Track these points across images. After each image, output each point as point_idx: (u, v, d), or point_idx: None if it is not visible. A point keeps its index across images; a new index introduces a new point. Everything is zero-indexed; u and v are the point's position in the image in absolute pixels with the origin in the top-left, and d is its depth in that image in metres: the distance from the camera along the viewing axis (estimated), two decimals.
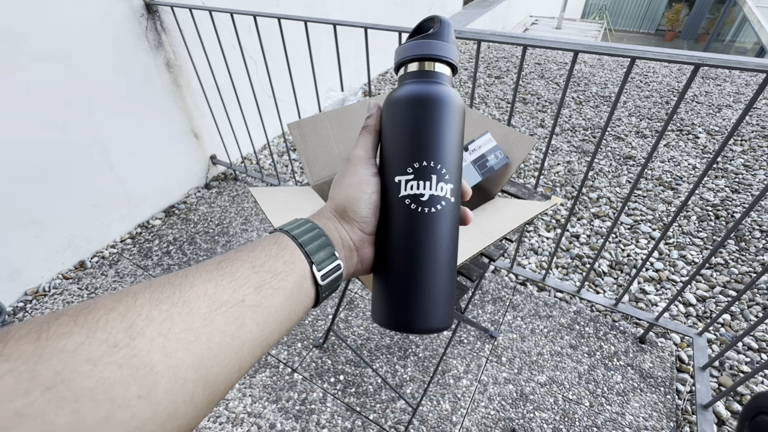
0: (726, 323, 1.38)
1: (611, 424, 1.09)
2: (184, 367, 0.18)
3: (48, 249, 1.50)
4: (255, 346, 0.22)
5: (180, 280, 0.21)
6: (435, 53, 0.29)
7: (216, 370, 0.20)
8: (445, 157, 0.28)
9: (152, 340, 0.17)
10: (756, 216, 1.85)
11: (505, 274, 1.54)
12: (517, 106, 2.89)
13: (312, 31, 1.32)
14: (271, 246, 0.25)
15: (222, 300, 0.21)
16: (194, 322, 0.19)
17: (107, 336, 0.17)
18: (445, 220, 0.28)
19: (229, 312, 0.21)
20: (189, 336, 0.19)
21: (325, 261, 0.26)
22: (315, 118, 0.76)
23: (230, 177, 2.13)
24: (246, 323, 0.21)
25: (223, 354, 0.20)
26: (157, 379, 0.17)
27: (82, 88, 1.42)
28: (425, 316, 0.28)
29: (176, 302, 0.19)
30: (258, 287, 0.22)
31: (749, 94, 3.00)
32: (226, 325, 0.20)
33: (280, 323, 0.23)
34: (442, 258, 0.28)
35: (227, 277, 0.22)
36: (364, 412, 1.13)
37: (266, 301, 0.22)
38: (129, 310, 0.18)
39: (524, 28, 6.36)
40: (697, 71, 0.82)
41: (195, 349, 0.19)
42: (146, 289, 0.19)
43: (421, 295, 0.28)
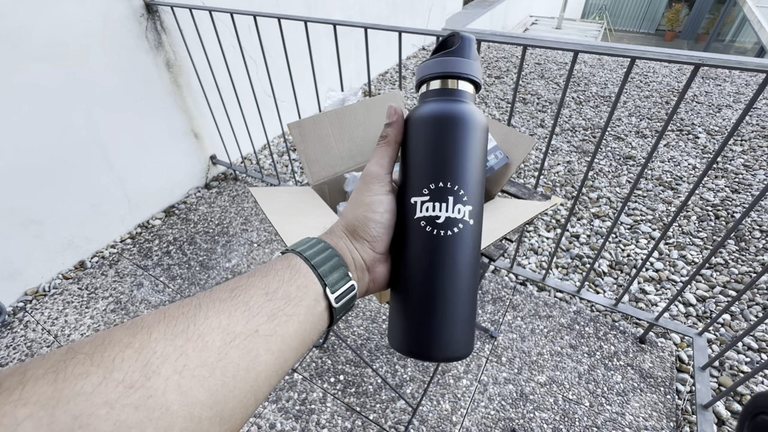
0: (726, 323, 1.38)
1: (611, 424, 1.09)
2: (199, 406, 0.18)
3: (48, 249, 1.50)
4: (270, 375, 0.22)
5: (194, 311, 0.20)
6: (456, 71, 0.28)
7: (231, 405, 0.19)
8: (464, 178, 0.27)
9: (167, 379, 0.17)
10: (756, 216, 1.85)
11: (505, 274, 1.54)
12: (517, 106, 2.89)
13: (312, 31, 1.32)
14: (284, 270, 0.24)
15: (236, 332, 0.21)
16: (209, 357, 0.19)
17: (123, 376, 0.17)
18: (463, 244, 0.27)
19: (243, 344, 0.20)
20: (203, 372, 0.19)
21: (339, 282, 0.26)
22: (315, 118, 0.76)
23: (230, 177, 2.13)
24: (260, 354, 0.21)
25: (238, 388, 0.20)
26: (173, 420, 0.17)
27: (82, 88, 1.42)
28: (442, 345, 0.27)
29: (191, 336, 0.19)
30: (272, 316, 0.22)
31: (749, 94, 3.00)
32: (240, 358, 0.20)
33: (295, 349, 0.23)
34: (459, 283, 0.27)
35: (240, 306, 0.22)
36: (364, 412, 1.13)
37: (280, 329, 0.22)
38: (144, 346, 0.18)
39: (524, 28, 6.36)
40: (697, 71, 0.82)
41: (209, 386, 0.19)
42: (160, 322, 0.19)
43: (438, 322, 0.26)
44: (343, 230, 0.29)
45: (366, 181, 0.29)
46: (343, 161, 0.80)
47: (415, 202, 0.27)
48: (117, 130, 1.58)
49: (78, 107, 1.43)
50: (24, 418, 0.14)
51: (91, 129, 1.49)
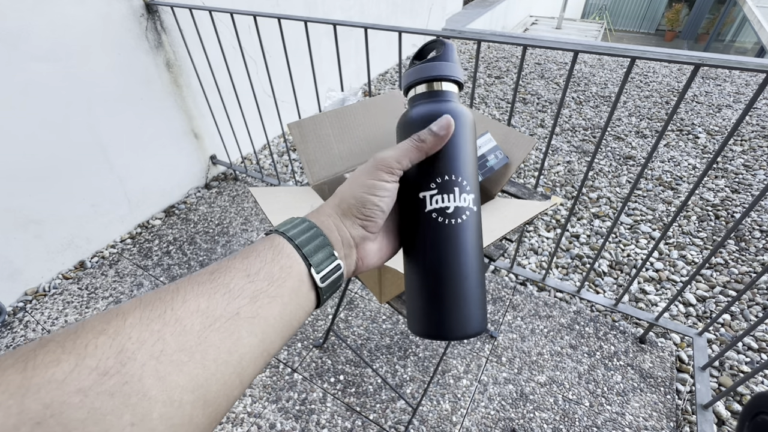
0: (726, 323, 1.38)
1: (611, 424, 1.09)
2: (179, 390, 0.18)
3: (48, 249, 1.50)
4: (256, 357, 0.21)
5: (171, 296, 0.20)
6: (444, 74, 0.30)
7: (215, 388, 0.19)
8: (465, 170, 0.29)
9: (144, 365, 0.17)
10: (756, 216, 1.85)
11: (505, 274, 1.54)
12: (517, 106, 2.89)
13: (312, 31, 1.32)
14: (267, 250, 0.24)
15: (216, 315, 0.20)
16: (188, 341, 0.18)
17: (97, 363, 0.16)
18: (472, 228, 0.29)
19: (224, 327, 0.20)
20: (182, 357, 0.18)
21: (324, 262, 0.25)
22: (315, 118, 0.76)
23: (230, 177, 2.13)
24: (243, 336, 0.20)
25: (221, 371, 0.19)
26: (151, 405, 0.16)
27: (82, 88, 1.42)
28: (466, 322, 0.29)
29: (168, 321, 0.19)
30: (253, 297, 0.22)
31: (749, 94, 3.00)
32: (221, 341, 0.20)
33: (280, 331, 0.23)
34: (473, 264, 0.29)
35: (221, 288, 0.21)
36: (364, 412, 1.13)
37: (263, 311, 0.22)
38: (119, 332, 0.17)
39: (524, 28, 6.36)
40: (697, 71, 0.82)
41: (190, 370, 0.18)
42: (136, 308, 0.19)
43: (462, 302, 0.28)
44: (333, 207, 0.28)
45: (376, 167, 0.28)
46: (343, 161, 0.80)
47: (423, 197, 0.29)
48: (117, 130, 1.58)
49: (78, 107, 1.43)
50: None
51: (92, 129, 1.49)
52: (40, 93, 1.31)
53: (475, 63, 1.07)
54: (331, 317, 1.22)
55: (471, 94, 1.16)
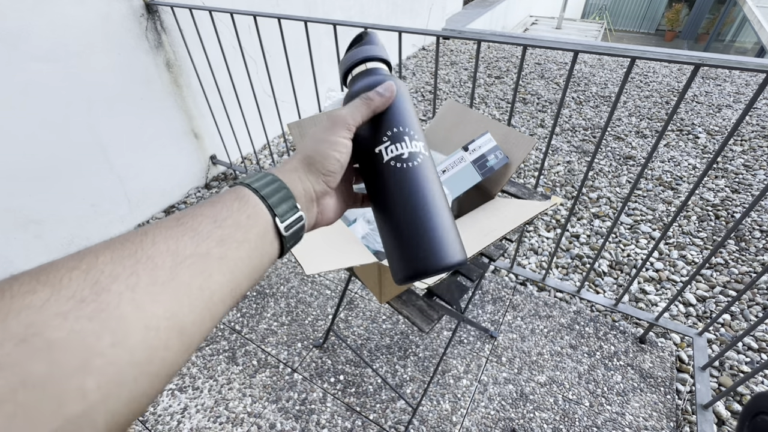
0: (726, 323, 1.38)
1: (611, 424, 1.09)
2: (156, 317, 0.18)
3: (48, 249, 1.50)
4: (225, 295, 0.22)
5: (140, 238, 0.20)
6: (372, 54, 0.35)
7: (189, 319, 0.20)
8: (410, 122, 0.32)
9: (120, 294, 0.17)
10: (756, 216, 1.85)
11: (505, 274, 1.54)
12: (517, 106, 2.89)
13: (312, 31, 1.32)
14: (233, 200, 0.25)
15: (185, 254, 0.21)
16: (160, 276, 0.19)
17: (73, 292, 0.16)
18: (428, 169, 0.32)
19: (194, 265, 0.21)
20: (156, 289, 0.19)
21: (288, 213, 0.26)
22: (315, 118, 0.76)
23: (230, 177, 2.13)
24: (213, 274, 0.21)
25: (194, 304, 0.20)
26: (130, 328, 0.17)
27: (82, 88, 1.42)
28: (446, 252, 0.31)
29: (140, 258, 0.19)
30: (221, 241, 0.22)
31: (749, 94, 3.00)
32: (192, 277, 0.20)
33: (247, 274, 0.24)
34: (439, 198, 0.32)
35: (189, 232, 0.22)
36: (364, 412, 1.13)
37: (231, 253, 0.22)
38: (92, 267, 0.18)
39: (524, 28, 6.36)
40: (697, 71, 0.82)
41: (164, 301, 0.19)
42: (107, 248, 0.19)
43: (437, 232, 0.31)
44: (298, 162, 0.30)
45: (335, 123, 0.31)
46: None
47: (380, 151, 0.32)
48: (117, 130, 1.58)
49: (78, 107, 1.43)
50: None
51: (92, 129, 1.49)
52: (40, 93, 1.31)
53: (475, 63, 1.07)
54: (331, 317, 1.23)
55: (471, 94, 1.16)
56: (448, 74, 3.45)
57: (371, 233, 0.85)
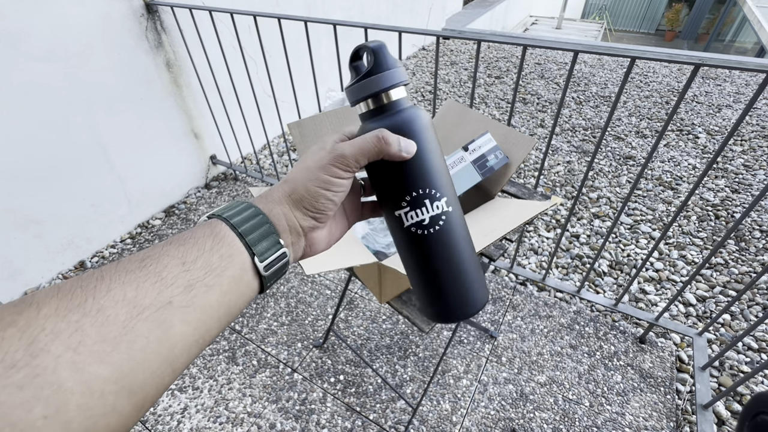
0: (726, 323, 1.38)
1: (611, 424, 1.09)
2: (101, 380, 0.17)
3: (48, 249, 1.50)
4: (189, 345, 0.20)
5: (94, 284, 0.19)
6: (388, 84, 0.29)
7: (141, 378, 0.18)
8: (431, 178, 0.29)
9: (59, 357, 0.16)
10: (756, 216, 1.85)
11: (505, 274, 1.54)
12: (517, 106, 2.89)
13: (312, 31, 1.32)
14: (206, 238, 0.23)
15: (144, 304, 0.19)
16: (110, 332, 0.17)
17: (3, 356, 0.15)
18: (451, 227, 0.30)
19: (153, 316, 0.19)
20: (105, 347, 0.17)
21: (269, 250, 0.24)
22: (315, 118, 0.76)
23: (230, 177, 2.13)
24: (174, 325, 0.19)
25: (149, 360, 0.18)
26: (67, 397, 0.16)
27: (82, 88, 1.42)
28: (469, 303, 0.32)
29: (88, 311, 0.17)
30: (188, 286, 0.20)
31: (749, 94, 3.00)
32: (150, 331, 0.18)
33: (218, 319, 0.22)
34: (465, 251, 0.31)
35: (151, 277, 0.20)
36: (364, 412, 1.13)
37: (198, 300, 0.21)
38: (30, 324, 0.16)
39: (524, 28, 6.36)
40: (697, 71, 0.82)
41: (113, 360, 0.17)
42: (52, 297, 0.17)
43: (461, 289, 0.31)
44: (284, 196, 0.27)
45: (333, 159, 0.27)
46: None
47: (399, 215, 0.30)
48: (117, 130, 1.58)
49: (78, 107, 1.43)
50: None
51: (92, 129, 1.49)
52: (40, 93, 1.31)
53: (475, 63, 1.07)
54: (331, 317, 1.23)
55: (471, 94, 1.16)
56: (448, 74, 3.45)
57: (371, 233, 0.85)
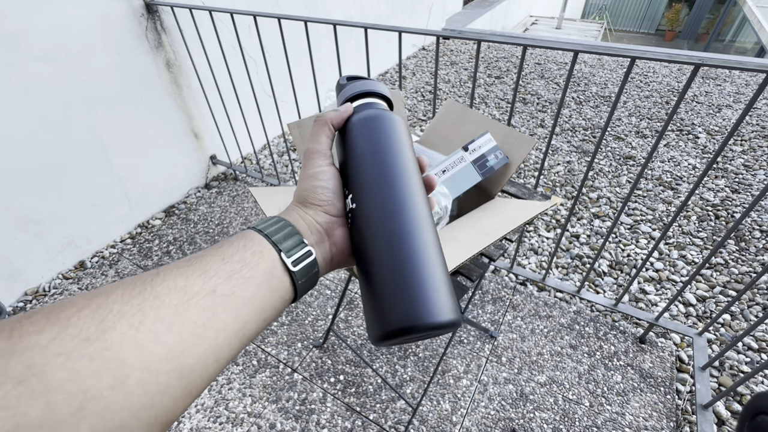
0: (726, 323, 1.38)
1: (611, 424, 1.09)
2: (157, 359, 0.18)
3: (48, 249, 1.50)
4: (230, 336, 0.22)
5: (151, 278, 0.21)
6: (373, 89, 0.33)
7: (190, 361, 0.20)
8: (349, 176, 0.30)
9: (124, 334, 0.18)
10: (756, 216, 1.85)
11: (505, 274, 1.54)
12: (517, 106, 2.89)
13: (312, 31, 1.32)
14: (239, 240, 0.26)
15: (193, 291, 0.21)
16: (165, 314, 0.19)
17: (79, 331, 0.17)
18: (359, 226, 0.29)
19: (200, 303, 0.21)
20: (160, 327, 0.19)
21: (294, 248, 0.26)
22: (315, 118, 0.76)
23: (230, 177, 2.13)
24: (218, 312, 0.21)
25: (197, 345, 0.20)
26: (129, 371, 0.17)
27: (82, 88, 1.42)
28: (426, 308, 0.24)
29: (147, 297, 0.20)
30: (228, 277, 0.23)
31: (749, 94, 3.00)
32: (197, 316, 0.20)
33: (255, 312, 0.23)
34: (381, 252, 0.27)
35: (197, 270, 0.22)
36: (364, 412, 1.13)
37: (237, 290, 0.23)
38: (101, 306, 0.18)
39: (524, 28, 6.36)
40: (697, 71, 0.82)
41: (167, 341, 0.19)
42: (118, 288, 0.20)
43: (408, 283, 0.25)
44: (295, 204, 0.30)
45: (308, 156, 0.31)
46: None
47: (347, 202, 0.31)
48: (117, 130, 1.58)
49: (78, 107, 1.42)
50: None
51: (92, 129, 1.49)
52: (40, 93, 1.31)
53: (475, 63, 1.07)
54: (331, 317, 1.23)
55: (471, 94, 1.16)
56: (448, 74, 3.45)
57: None
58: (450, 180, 0.76)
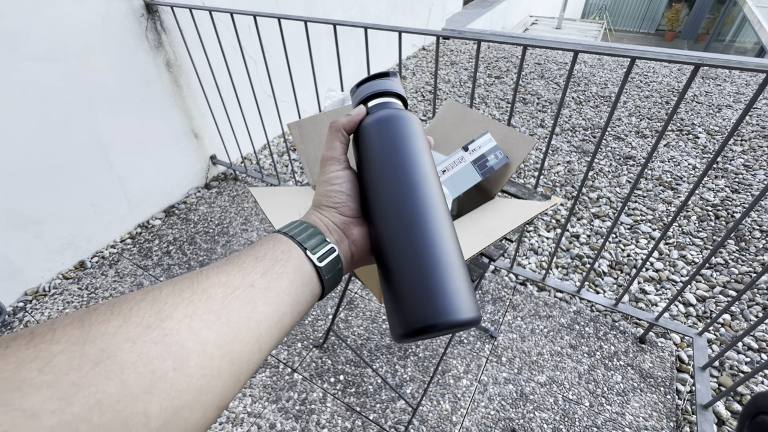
0: (726, 323, 1.38)
1: (611, 424, 1.09)
2: (210, 344, 0.20)
3: (48, 249, 1.50)
4: (270, 326, 0.24)
5: (196, 275, 0.24)
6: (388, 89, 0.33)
7: (238, 348, 0.22)
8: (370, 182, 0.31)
9: (180, 321, 0.20)
10: (756, 216, 1.85)
11: (505, 274, 1.54)
12: (517, 106, 2.89)
13: (312, 31, 1.32)
14: (268, 242, 0.28)
15: (234, 285, 0.23)
16: (213, 305, 0.22)
17: (141, 320, 0.19)
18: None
19: (242, 295, 0.23)
20: (210, 317, 0.21)
21: (318, 246, 0.29)
22: (315, 118, 0.76)
23: (230, 177, 2.13)
24: (258, 304, 0.24)
25: (242, 333, 0.22)
26: (188, 354, 0.19)
27: (82, 88, 1.42)
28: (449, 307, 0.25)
29: (196, 290, 0.22)
30: (264, 273, 0.25)
31: (749, 94, 3.00)
32: (241, 307, 0.23)
33: (290, 305, 0.26)
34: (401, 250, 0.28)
35: (236, 267, 0.25)
36: (364, 412, 1.13)
37: (273, 284, 0.25)
38: (156, 299, 0.21)
39: (524, 28, 6.36)
40: (697, 71, 0.82)
41: (217, 329, 0.21)
42: (168, 284, 0.22)
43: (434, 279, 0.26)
44: (313, 208, 0.33)
45: (323, 164, 0.33)
46: None
47: None
48: (117, 130, 1.58)
49: (78, 107, 1.42)
50: (58, 351, 0.16)
51: (92, 129, 1.49)
52: (39, 93, 1.31)
53: (475, 63, 1.07)
54: (331, 317, 1.23)
55: (471, 94, 1.16)
56: (448, 74, 3.45)
57: None
58: (450, 180, 0.76)
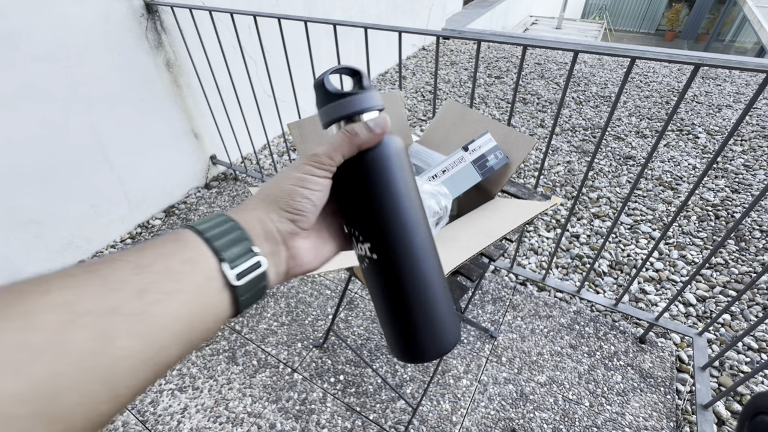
0: (726, 323, 1.38)
1: (611, 424, 1.09)
2: (12, 400, 0.14)
3: (48, 249, 1.50)
4: (137, 365, 0.17)
5: (31, 287, 0.16)
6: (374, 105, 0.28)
7: (67, 400, 0.15)
8: (355, 219, 0.29)
9: None
10: (756, 216, 1.85)
11: (505, 274, 1.54)
12: (517, 106, 2.89)
13: (312, 31, 1.32)
14: (167, 243, 0.21)
15: (83, 310, 0.16)
16: (34, 340, 0.15)
17: None
18: (377, 272, 0.29)
19: (92, 324, 0.16)
20: (22, 358, 0.15)
21: (241, 257, 0.22)
22: (315, 118, 0.76)
23: (230, 177, 2.13)
24: (119, 337, 0.17)
25: (80, 378, 0.16)
26: None
27: (82, 88, 1.42)
28: (434, 344, 0.30)
29: (11, 316, 0.15)
30: (141, 291, 0.18)
31: (749, 94, 3.00)
32: (85, 341, 0.16)
33: (176, 334, 0.19)
34: (403, 295, 0.29)
35: (95, 281, 0.17)
36: (364, 412, 1.13)
37: (153, 308, 0.18)
38: None
39: (524, 28, 6.36)
40: (697, 71, 0.82)
41: (31, 375, 0.15)
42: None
43: (422, 328, 0.29)
44: (258, 200, 0.25)
45: (305, 161, 0.26)
46: None
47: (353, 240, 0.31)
48: (117, 130, 1.58)
49: (78, 107, 1.42)
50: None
51: (92, 129, 1.49)
52: (40, 93, 1.31)
53: (475, 63, 1.07)
54: (331, 317, 1.23)
55: (471, 94, 1.16)
56: (448, 74, 3.45)
57: None
58: (450, 180, 0.76)
